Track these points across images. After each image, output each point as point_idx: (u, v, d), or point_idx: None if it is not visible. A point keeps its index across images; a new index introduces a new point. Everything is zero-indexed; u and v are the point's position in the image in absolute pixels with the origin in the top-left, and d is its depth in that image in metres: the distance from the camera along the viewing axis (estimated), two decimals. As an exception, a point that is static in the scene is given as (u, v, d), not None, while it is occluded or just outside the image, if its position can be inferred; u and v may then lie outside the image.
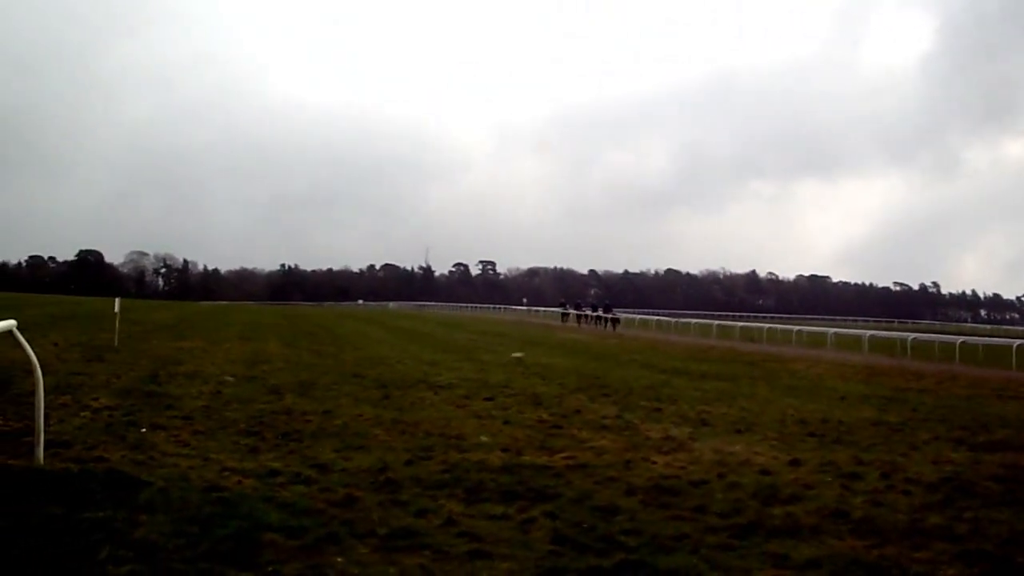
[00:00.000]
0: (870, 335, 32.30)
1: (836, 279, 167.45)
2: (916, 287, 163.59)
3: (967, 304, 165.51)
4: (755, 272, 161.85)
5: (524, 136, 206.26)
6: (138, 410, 9.30)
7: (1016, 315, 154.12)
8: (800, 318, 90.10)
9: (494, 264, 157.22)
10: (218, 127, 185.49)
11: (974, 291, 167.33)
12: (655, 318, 54.08)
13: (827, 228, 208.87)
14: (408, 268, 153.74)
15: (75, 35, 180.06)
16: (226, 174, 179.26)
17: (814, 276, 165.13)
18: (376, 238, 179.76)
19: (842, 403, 13.04)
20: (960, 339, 28.02)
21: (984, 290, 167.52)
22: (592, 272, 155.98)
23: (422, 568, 4.48)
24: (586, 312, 53.45)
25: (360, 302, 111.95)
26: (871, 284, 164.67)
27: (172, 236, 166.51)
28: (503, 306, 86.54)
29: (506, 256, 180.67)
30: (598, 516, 5.70)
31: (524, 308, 79.44)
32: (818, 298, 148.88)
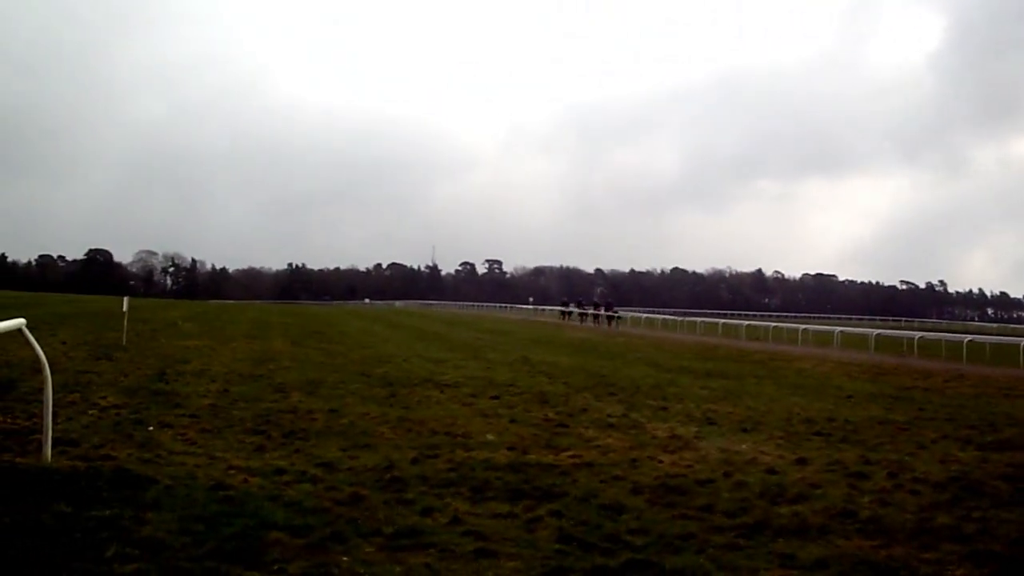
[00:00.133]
0: (877, 334, 32.18)
1: (842, 278, 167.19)
2: (923, 286, 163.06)
3: (974, 303, 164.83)
4: (761, 271, 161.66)
5: (531, 135, 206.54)
6: (145, 408, 9.34)
7: (1023, 314, 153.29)
8: (806, 317, 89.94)
9: (500, 263, 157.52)
10: (225, 127, 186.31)
11: (981, 290, 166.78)
12: (661, 317, 54.06)
13: (833, 227, 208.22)
14: (415, 267, 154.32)
15: (81, 37, 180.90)
16: (234, 174, 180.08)
17: (820, 275, 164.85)
18: (383, 237, 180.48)
19: (849, 402, 13.00)
20: (967, 338, 27.88)
21: (991, 289, 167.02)
22: (598, 271, 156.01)
23: (428, 567, 4.48)
24: (587, 310, 53.83)
25: (367, 301, 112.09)
26: (878, 283, 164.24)
27: (180, 235, 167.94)
28: (509, 305, 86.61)
29: (512, 255, 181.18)
30: (604, 515, 5.69)
31: (530, 307, 79.49)
32: (824, 297, 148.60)
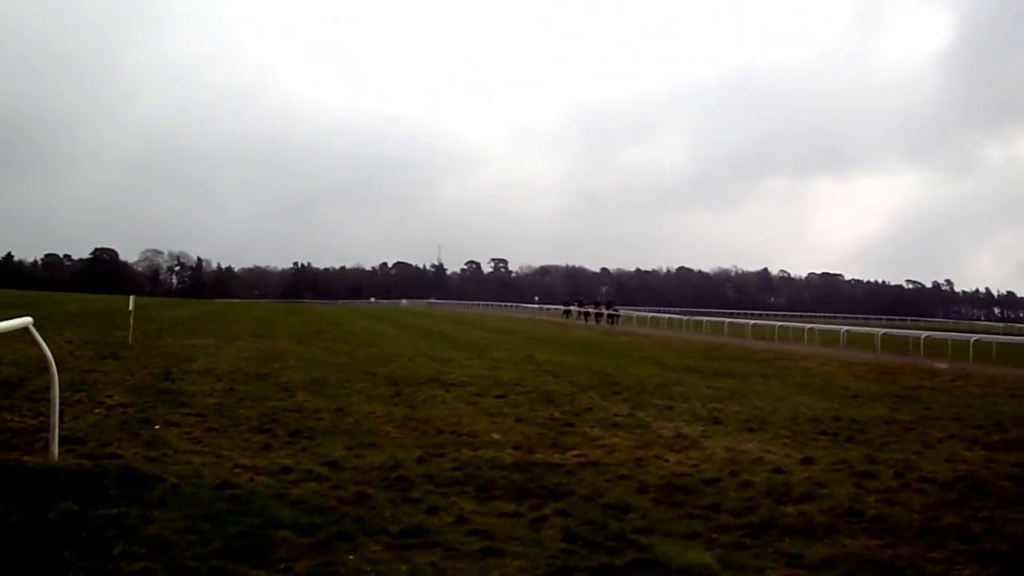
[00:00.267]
0: (883, 333, 32.08)
1: (849, 277, 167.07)
2: (929, 285, 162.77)
3: (981, 302, 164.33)
4: (767, 270, 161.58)
5: (534, 135, 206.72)
6: (151, 407, 9.37)
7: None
8: (812, 316, 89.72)
9: (506, 262, 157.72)
10: (230, 126, 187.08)
11: (988, 289, 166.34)
12: (667, 316, 54.04)
13: (840, 226, 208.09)
14: (420, 266, 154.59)
15: (86, 37, 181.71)
16: (239, 173, 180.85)
17: (826, 274, 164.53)
18: (388, 236, 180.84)
19: (855, 401, 12.97)
20: (974, 337, 27.78)
21: (998, 288, 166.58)
22: (604, 270, 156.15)
23: (433, 566, 4.48)
24: (588, 309, 54.37)
25: (372, 300, 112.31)
26: (884, 282, 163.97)
27: (186, 234, 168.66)
28: (515, 304, 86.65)
29: (518, 254, 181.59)
30: (610, 514, 5.68)
31: (535, 306, 79.50)
32: (830, 296, 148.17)
